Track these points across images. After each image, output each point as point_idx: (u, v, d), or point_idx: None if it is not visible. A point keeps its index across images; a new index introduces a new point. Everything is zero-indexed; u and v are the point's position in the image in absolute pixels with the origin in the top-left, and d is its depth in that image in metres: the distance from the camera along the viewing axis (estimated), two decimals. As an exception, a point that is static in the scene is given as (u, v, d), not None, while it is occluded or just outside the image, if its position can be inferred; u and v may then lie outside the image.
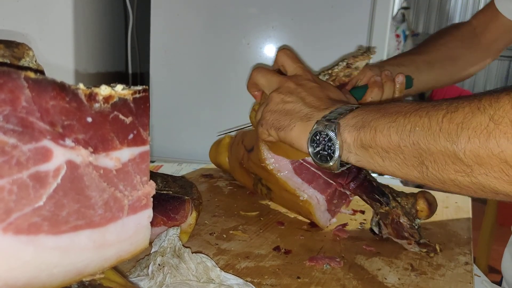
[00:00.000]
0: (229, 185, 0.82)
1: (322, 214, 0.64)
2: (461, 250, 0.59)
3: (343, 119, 0.49)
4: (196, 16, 1.12)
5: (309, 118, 0.52)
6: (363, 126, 0.47)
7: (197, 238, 0.57)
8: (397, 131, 0.44)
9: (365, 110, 0.49)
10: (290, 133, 0.53)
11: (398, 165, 0.45)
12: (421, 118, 0.43)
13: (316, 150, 0.51)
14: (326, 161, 0.50)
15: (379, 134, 0.46)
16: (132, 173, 0.34)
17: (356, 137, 0.48)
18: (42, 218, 0.28)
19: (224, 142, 0.87)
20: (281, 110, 0.55)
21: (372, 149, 0.47)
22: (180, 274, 0.43)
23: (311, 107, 0.54)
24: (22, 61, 0.36)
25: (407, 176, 0.46)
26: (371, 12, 1.04)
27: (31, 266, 0.28)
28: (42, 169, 0.28)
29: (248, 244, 0.57)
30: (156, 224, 0.52)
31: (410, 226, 0.58)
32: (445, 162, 0.41)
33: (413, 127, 0.43)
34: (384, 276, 0.51)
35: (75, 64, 1.07)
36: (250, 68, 1.12)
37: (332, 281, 0.49)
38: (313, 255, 0.54)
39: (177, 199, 0.53)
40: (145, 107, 0.34)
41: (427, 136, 0.42)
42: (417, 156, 0.43)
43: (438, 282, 0.50)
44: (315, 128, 0.50)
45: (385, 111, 0.47)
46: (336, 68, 0.63)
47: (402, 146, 0.44)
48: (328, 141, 0.49)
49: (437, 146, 0.41)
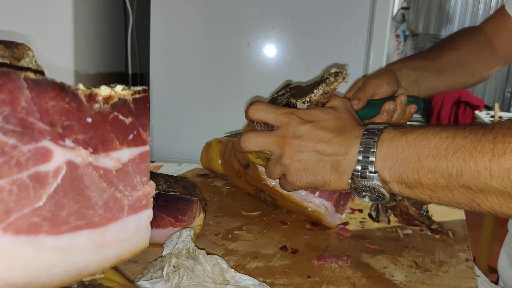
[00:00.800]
0: (227, 185, 0.82)
1: (332, 217, 0.64)
2: (461, 247, 0.61)
3: (376, 164, 0.47)
4: (196, 16, 1.12)
5: (339, 168, 0.50)
6: (404, 170, 0.46)
7: (203, 239, 0.57)
8: (442, 175, 0.44)
9: (393, 146, 0.47)
10: (330, 187, 0.52)
11: (447, 202, 0.46)
12: (466, 163, 0.42)
13: (364, 195, 0.51)
14: (379, 200, 0.51)
15: (423, 177, 0.45)
16: (132, 173, 0.34)
17: (400, 181, 0.47)
18: (42, 218, 0.28)
19: (214, 147, 0.86)
20: (306, 173, 0.52)
21: (418, 189, 0.47)
22: (196, 276, 0.43)
23: (331, 155, 0.51)
24: (22, 61, 0.36)
25: (456, 207, 0.46)
26: (371, 12, 1.04)
27: (31, 266, 0.28)
28: (42, 169, 0.28)
29: (254, 244, 0.57)
30: (163, 226, 0.52)
31: (419, 214, 0.61)
32: (498, 201, 0.42)
33: (459, 173, 0.43)
34: (391, 273, 0.52)
35: (75, 64, 1.07)
36: (250, 68, 1.12)
37: (342, 279, 0.49)
38: (319, 254, 0.55)
39: (184, 200, 0.53)
40: (145, 108, 0.34)
41: (476, 182, 0.42)
42: (467, 196, 0.43)
43: (443, 279, 0.51)
44: (355, 186, 0.50)
45: (419, 151, 0.45)
46: (314, 96, 0.62)
47: (451, 188, 0.44)
48: (373, 189, 0.49)
49: (490, 189, 0.41)
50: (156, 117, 1.16)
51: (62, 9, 1.01)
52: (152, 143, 1.12)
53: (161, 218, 0.52)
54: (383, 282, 0.49)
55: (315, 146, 0.51)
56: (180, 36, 1.13)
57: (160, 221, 0.52)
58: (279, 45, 1.10)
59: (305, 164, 0.52)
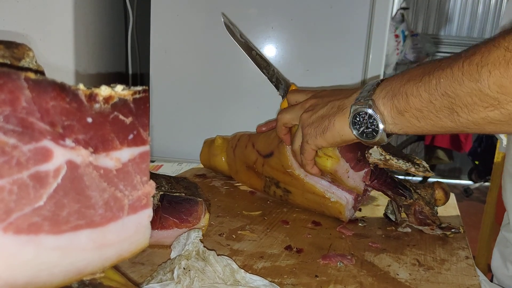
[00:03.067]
0: (225, 185, 0.83)
1: (349, 212, 0.67)
2: (459, 245, 0.61)
3: (374, 95, 0.52)
4: (196, 16, 1.12)
5: (343, 107, 0.56)
6: (394, 94, 0.50)
7: (207, 240, 0.58)
8: (425, 88, 0.47)
9: (390, 80, 0.53)
10: (333, 128, 0.56)
11: (433, 121, 0.48)
12: (444, 70, 0.46)
13: (361, 130, 0.54)
14: (372, 137, 0.53)
15: (410, 97, 0.49)
16: (132, 173, 0.34)
17: (392, 106, 0.51)
18: (42, 218, 0.28)
19: (217, 143, 0.86)
20: (316, 119, 0.58)
21: (407, 112, 0.49)
22: (207, 278, 0.43)
23: (339, 99, 0.57)
24: (22, 61, 0.36)
25: (443, 129, 0.48)
26: (370, 12, 1.04)
27: (31, 265, 0.29)
28: (42, 169, 0.28)
29: (259, 244, 0.58)
30: (168, 227, 0.52)
31: (432, 213, 0.64)
32: (473, 102, 0.44)
33: (438, 80, 0.46)
34: (396, 272, 0.52)
35: (75, 64, 1.07)
36: (250, 68, 1.12)
37: (349, 278, 0.50)
38: (324, 253, 0.56)
39: (189, 201, 0.53)
40: (145, 108, 0.34)
41: (452, 84, 0.45)
42: (447, 106, 0.46)
43: (446, 276, 0.52)
44: (352, 111, 0.53)
45: (409, 76, 0.50)
46: (392, 161, 0.63)
47: (433, 101, 0.47)
48: (369, 118, 0.52)
49: (463, 89, 0.44)
50: (156, 117, 1.16)
51: (62, 9, 1.01)
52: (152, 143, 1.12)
53: (165, 219, 0.52)
54: (389, 280, 0.50)
55: (329, 98, 0.59)
56: (180, 36, 1.13)
57: (165, 222, 0.52)
58: (278, 45, 1.10)
59: (317, 113, 0.59)
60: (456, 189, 3.44)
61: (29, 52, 0.37)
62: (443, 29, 3.84)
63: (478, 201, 3.35)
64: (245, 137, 0.80)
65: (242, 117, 1.13)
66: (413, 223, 0.65)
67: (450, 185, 0.70)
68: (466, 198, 3.39)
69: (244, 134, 0.82)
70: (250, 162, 0.76)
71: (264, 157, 0.72)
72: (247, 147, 0.77)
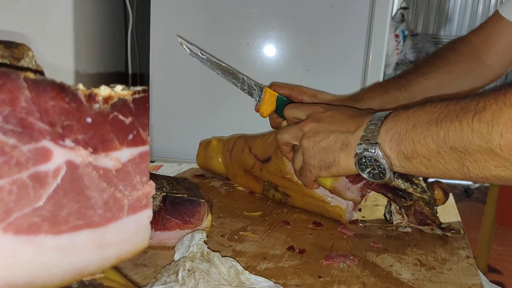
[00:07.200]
0: (224, 185, 0.82)
1: (349, 214, 0.67)
2: (459, 245, 0.62)
3: (379, 137, 0.51)
4: (196, 16, 1.12)
5: (348, 145, 0.54)
6: (401, 140, 0.49)
7: (210, 241, 0.58)
8: (433, 139, 0.46)
9: (394, 120, 0.51)
10: (339, 165, 0.55)
11: (442, 171, 0.47)
12: (452, 123, 0.45)
13: (368, 171, 0.52)
14: (380, 178, 0.52)
15: (417, 145, 0.48)
16: (132, 173, 0.34)
17: (398, 152, 0.50)
18: (42, 218, 0.28)
19: (213, 145, 0.86)
20: (319, 150, 0.57)
21: (415, 159, 0.49)
22: (212, 279, 0.42)
23: (343, 133, 0.55)
24: (21, 61, 0.36)
25: (452, 178, 0.48)
26: (370, 12, 1.04)
27: (31, 265, 0.29)
28: (41, 169, 0.28)
29: (261, 244, 0.58)
30: (171, 228, 0.51)
31: (432, 214, 0.65)
32: (484, 160, 0.43)
33: (446, 133, 0.45)
34: (398, 272, 0.52)
35: (75, 64, 1.07)
36: (250, 68, 1.12)
37: (352, 278, 0.50)
38: (326, 253, 0.56)
39: (191, 202, 0.53)
40: (144, 108, 0.34)
41: (461, 139, 0.44)
42: (457, 159, 0.45)
43: (448, 276, 0.52)
44: (358, 154, 0.52)
45: (415, 120, 0.48)
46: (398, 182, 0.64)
47: (442, 152, 0.46)
48: (375, 162, 0.51)
49: (473, 146, 0.43)
50: (156, 117, 1.16)
51: (62, 9, 1.01)
52: (152, 143, 1.12)
53: (168, 221, 0.51)
54: (392, 280, 0.50)
55: (331, 127, 0.56)
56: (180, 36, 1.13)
57: (167, 224, 0.51)
58: (278, 45, 1.10)
59: (320, 143, 0.57)
60: (456, 189, 3.44)
61: (28, 52, 0.37)
62: (443, 29, 3.84)
63: (478, 201, 3.35)
64: (241, 141, 0.79)
65: (242, 117, 1.13)
66: (413, 223, 0.66)
67: (450, 185, 0.69)
68: (466, 198, 3.39)
69: (240, 137, 0.81)
70: (248, 167, 0.75)
71: (262, 162, 0.72)
72: (244, 151, 0.76)
